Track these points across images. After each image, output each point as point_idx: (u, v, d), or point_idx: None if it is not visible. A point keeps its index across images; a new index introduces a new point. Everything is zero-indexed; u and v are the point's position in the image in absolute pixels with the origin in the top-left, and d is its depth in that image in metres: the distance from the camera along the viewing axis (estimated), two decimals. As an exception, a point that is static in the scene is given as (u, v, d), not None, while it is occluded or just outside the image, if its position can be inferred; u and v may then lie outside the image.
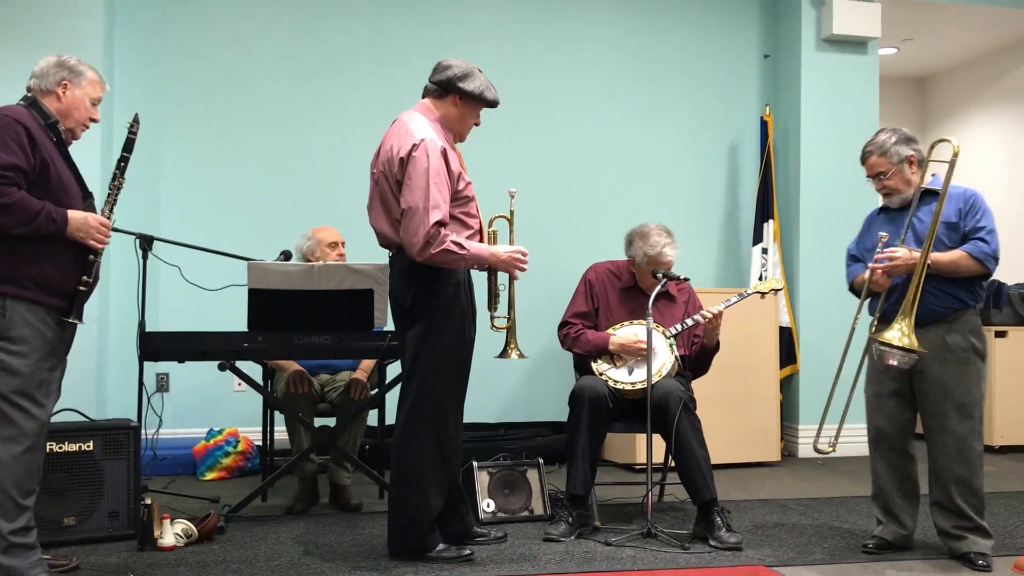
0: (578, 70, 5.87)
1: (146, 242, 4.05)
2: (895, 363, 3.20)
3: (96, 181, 4.83)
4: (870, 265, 3.35)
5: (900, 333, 3.16)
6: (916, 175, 3.40)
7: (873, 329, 3.42)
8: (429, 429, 3.24)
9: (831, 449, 3.45)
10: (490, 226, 3.41)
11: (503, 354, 3.41)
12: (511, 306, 3.42)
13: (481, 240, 3.34)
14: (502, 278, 3.40)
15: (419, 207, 3.09)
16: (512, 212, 3.47)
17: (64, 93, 2.97)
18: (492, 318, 3.41)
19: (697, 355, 3.98)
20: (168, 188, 5.33)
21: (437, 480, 3.26)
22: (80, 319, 2.96)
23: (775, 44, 6.15)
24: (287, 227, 5.14)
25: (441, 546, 3.29)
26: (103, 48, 4.98)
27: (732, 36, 6.12)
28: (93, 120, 3.08)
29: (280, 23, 5.51)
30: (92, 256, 2.94)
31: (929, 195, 3.38)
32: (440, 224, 3.09)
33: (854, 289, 3.59)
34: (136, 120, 3.16)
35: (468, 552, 3.30)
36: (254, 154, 5.44)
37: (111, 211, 3.06)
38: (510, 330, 3.41)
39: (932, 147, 3.38)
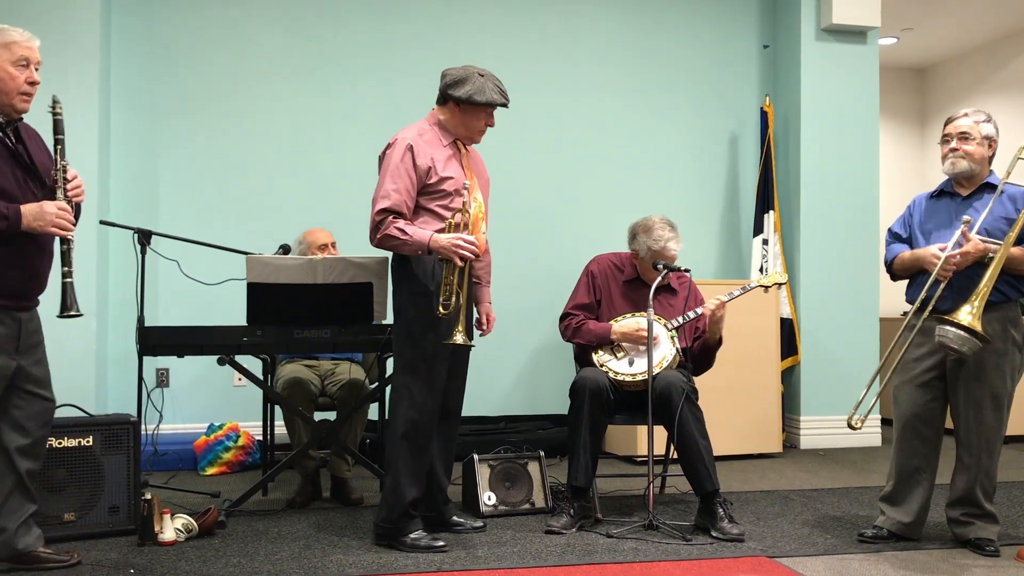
0: (578, 63, 5.85)
1: (144, 237, 4.04)
2: (956, 347, 3.13)
3: (93, 176, 4.83)
4: (945, 251, 3.27)
5: (971, 315, 3.11)
6: (989, 160, 3.41)
7: (911, 315, 3.38)
8: (402, 418, 3.33)
9: (859, 425, 3.38)
10: (452, 217, 3.38)
11: (448, 337, 3.27)
12: (457, 291, 3.26)
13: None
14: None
15: (375, 197, 3.34)
16: (464, 203, 3.35)
17: None
18: (439, 304, 3.30)
19: (700, 351, 3.97)
20: (167, 182, 5.31)
21: (410, 466, 3.32)
22: (78, 310, 2.94)
23: (774, 34, 6.13)
24: (286, 221, 5.14)
25: (416, 533, 3.31)
26: (100, 41, 4.96)
27: (731, 26, 6.09)
28: (31, 83, 2.87)
29: (280, 17, 5.48)
30: (64, 246, 2.91)
31: (990, 189, 3.40)
32: (387, 211, 3.28)
33: (892, 268, 3.55)
34: (56, 100, 2.96)
35: (441, 544, 3.31)
36: (253, 148, 5.41)
37: (64, 195, 2.92)
38: (456, 315, 3.26)
39: (1022, 148, 3.41)
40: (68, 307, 2.94)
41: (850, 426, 3.35)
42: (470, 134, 3.50)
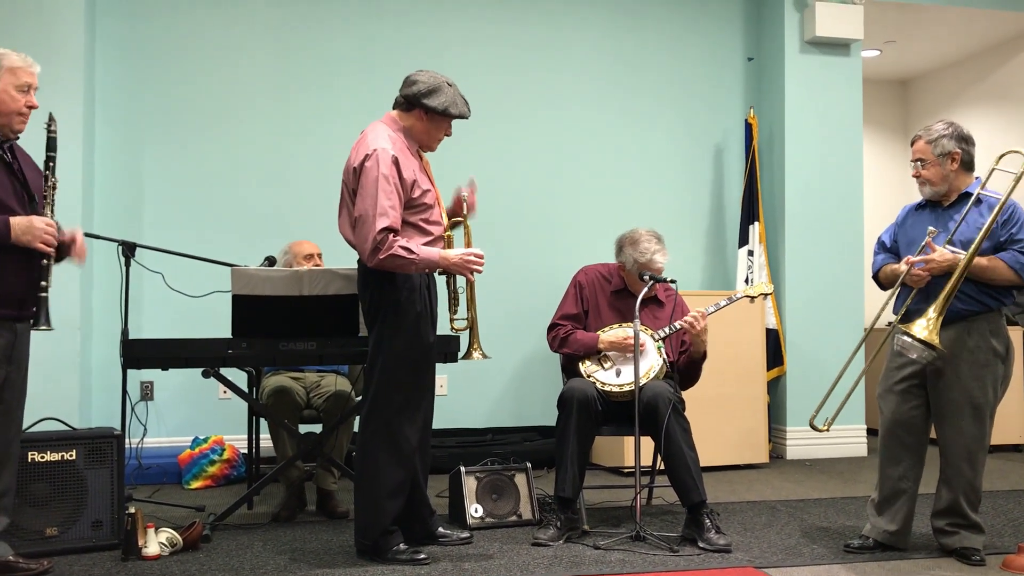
0: (564, 74, 5.87)
1: (129, 249, 4.02)
2: (914, 356, 3.16)
3: (77, 187, 4.81)
4: (910, 259, 3.30)
5: (926, 331, 3.12)
6: (955, 172, 3.37)
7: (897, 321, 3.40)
8: (383, 433, 3.30)
9: (825, 428, 3.41)
10: (447, 231, 3.45)
11: (466, 355, 3.46)
12: (470, 306, 3.43)
13: (446, 246, 3.40)
14: (460, 281, 3.45)
15: (369, 214, 3.19)
16: (466, 216, 3.50)
17: None
18: (451, 320, 3.45)
19: (685, 365, 3.97)
20: (151, 194, 5.29)
21: (392, 484, 3.29)
22: (49, 324, 2.97)
23: (759, 47, 6.17)
24: (271, 233, 5.12)
25: (396, 547, 3.30)
26: (84, 50, 4.94)
27: (716, 39, 6.13)
28: (30, 107, 2.99)
29: (266, 28, 5.48)
30: (44, 261, 2.95)
31: (970, 197, 3.37)
32: (388, 230, 3.17)
33: (878, 279, 3.56)
34: (52, 119, 3.09)
35: (423, 556, 3.30)
36: (238, 159, 5.40)
37: (52, 212, 3.02)
38: (471, 330, 3.45)
39: (1001, 156, 3.39)
40: (38, 321, 2.99)
41: (812, 427, 3.38)
42: (430, 143, 3.45)
